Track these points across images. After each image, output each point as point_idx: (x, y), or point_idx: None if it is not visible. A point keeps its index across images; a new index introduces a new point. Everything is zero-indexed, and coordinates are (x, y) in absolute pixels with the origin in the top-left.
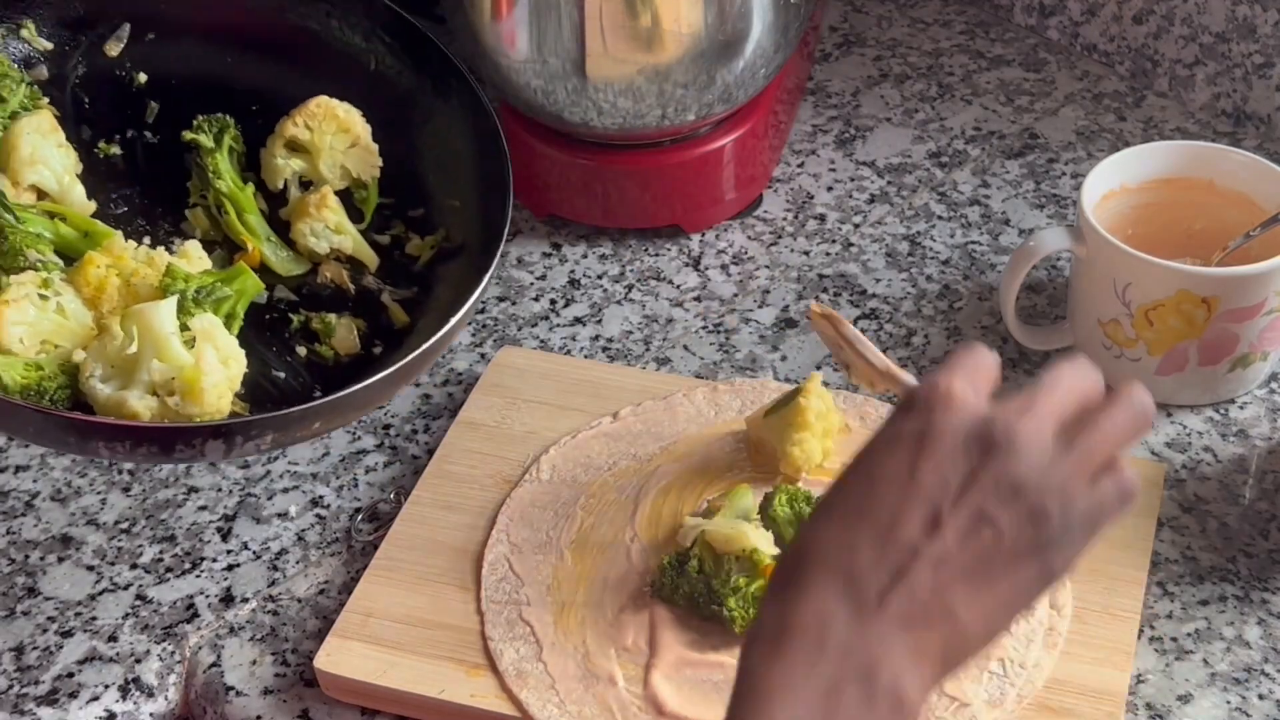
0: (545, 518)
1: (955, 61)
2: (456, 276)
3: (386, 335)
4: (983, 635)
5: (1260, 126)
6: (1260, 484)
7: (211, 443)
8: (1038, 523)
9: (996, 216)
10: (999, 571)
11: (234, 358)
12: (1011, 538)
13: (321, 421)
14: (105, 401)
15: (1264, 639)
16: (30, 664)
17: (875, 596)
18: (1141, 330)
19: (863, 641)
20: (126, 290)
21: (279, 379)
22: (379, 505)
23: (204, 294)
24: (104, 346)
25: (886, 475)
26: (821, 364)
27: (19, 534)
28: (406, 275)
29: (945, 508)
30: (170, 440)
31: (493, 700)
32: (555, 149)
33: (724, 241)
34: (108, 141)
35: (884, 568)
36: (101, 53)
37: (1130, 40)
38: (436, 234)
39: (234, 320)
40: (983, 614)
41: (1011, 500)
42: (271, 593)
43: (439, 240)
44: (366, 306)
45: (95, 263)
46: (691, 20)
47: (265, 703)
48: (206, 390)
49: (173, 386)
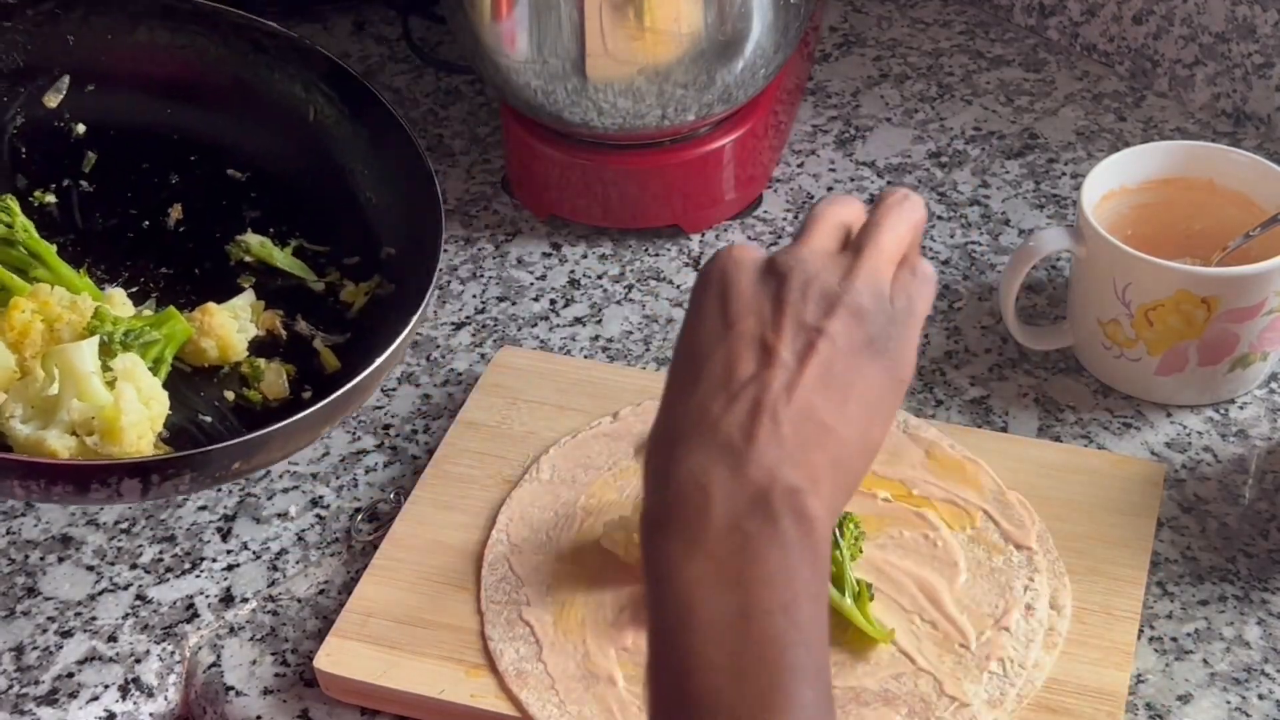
0: (545, 518)
1: (955, 61)
2: (389, 322)
3: (317, 380)
4: (861, 440)
5: (1260, 126)
6: (1260, 484)
7: (127, 481)
8: (860, 318)
9: (996, 216)
10: (847, 374)
11: (156, 398)
12: (844, 338)
13: (240, 462)
14: (24, 441)
15: (1264, 639)
16: (30, 664)
17: (741, 437)
18: (1141, 330)
19: (745, 480)
20: (51, 335)
21: (205, 423)
22: (379, 505)
23: (131, 337)
24: (25, 388)
25: (706, 338)
26: None
27: (19, 534)
28: (340, 321)
29: (769, 335)
30: (85, 479)
31: (492, 700)
32: (555, 149)
33: (724, 241)
34: (43, 191)
35: (739, 410)
36: (40, 104)
37: (1130, 40)
38: (371, 280)
39: (162, 365)
40: (852, 417)
41: (828, 306)
42: (271, 593)
43: (373, 287)
44: (298, 352)
45: (20, 307)
46: (691, 20)
47: (265, 703)
48: (125, 430)
49: (92, 426)
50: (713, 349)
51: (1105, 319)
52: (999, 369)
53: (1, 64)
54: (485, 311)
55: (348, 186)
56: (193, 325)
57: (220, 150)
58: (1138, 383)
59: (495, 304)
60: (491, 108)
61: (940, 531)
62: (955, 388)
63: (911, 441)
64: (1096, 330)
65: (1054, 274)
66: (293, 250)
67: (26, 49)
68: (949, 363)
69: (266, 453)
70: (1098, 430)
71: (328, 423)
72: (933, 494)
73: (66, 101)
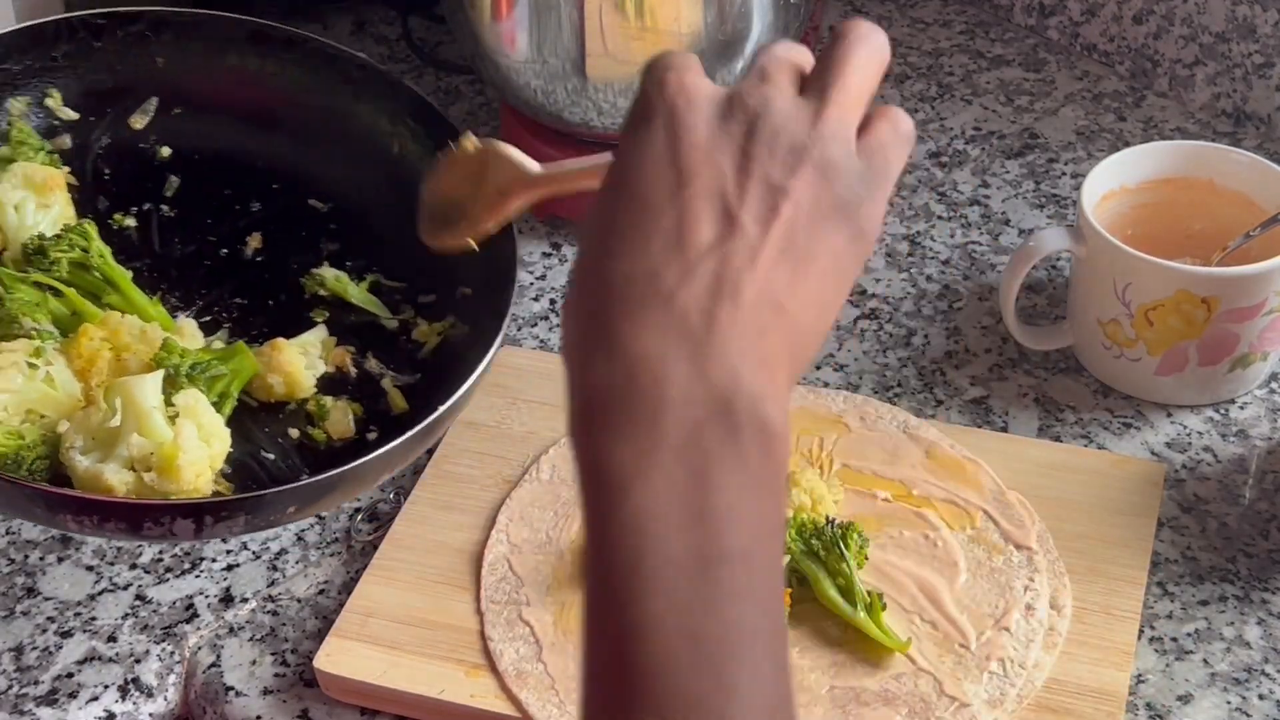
0: (545, 518)
1: (955, 61)
2: (460, 364)
3: (384, 421)
4: (817, 321)
5: (1260, 126)
6: (1260, 484)
7: (180, 522)
8: (830, 175)
9: (996, 216)
10: (810, 243)
11: (217, 436)
12: (810, 200)
13: (296, 506)
14: (83, 474)
15: (1264, 639)
16: (30, 664)
17: (701, 319)
18: (1141, 330)
19: (706, 378)
20: (118, 364)
21: (267, 460)
22: (379, 505)
23: (197, 370)
24: (87, 418)
25: (652, 184)
26: None
27: (19, 534)
28: (411, 361)
29: (731, 194)
30: (137, 518)
31: (493, 700)
32: (555, 149)
33: None
34: (123, 214)
35: (697, 283)
36: (126, 125)
37: (1130, 40)
38: (444, 321)
39: (227, 399)
40: (810, 297)
41: (795, 162)
42: (271, 593)
43: (446, 328)
44: (366, 391)
45: (89, 335)
46: (691, 20)
47: (265, 703)
48: (183, 468)
49: (150, 462)
50: (662, 200)
51: (1105, 319)
52: (999, 369)
53: (90, 84)
54: None
55: None
56: (261, 360)
57: (303, 180)
58: (1138, 383)
59: None
60: (491, 108)
61: (940, 531)
62: (955, 388)
63: (911, 441)
64: (1096, 330)
65: (1054, 274)
66: (369, 286)
67: (115, 70)
68: (949, 363)
69: (326, 498)
70: (1098, 430)
71: (391, 468)
72: (933, 494)
73: (153, 124)
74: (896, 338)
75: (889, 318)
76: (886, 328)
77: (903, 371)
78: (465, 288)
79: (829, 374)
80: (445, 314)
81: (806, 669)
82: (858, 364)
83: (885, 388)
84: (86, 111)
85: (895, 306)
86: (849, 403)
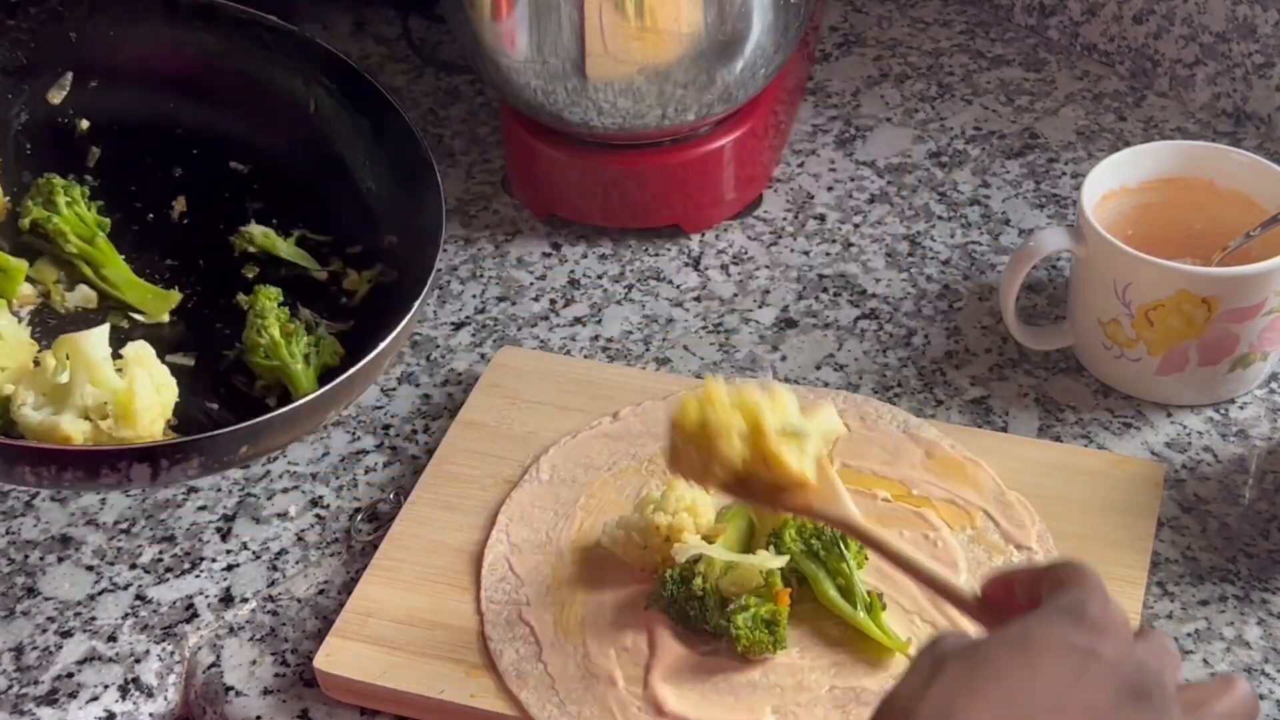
0: (545, 518)
1: (955, 61)
2: (392, 310)
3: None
4: None
5: (1260, 126)
6: (1260, 484)
7: (136, 466)
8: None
9: (996, 216)
10: None
11: (166, 385)
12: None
13: (248, 445)
14: (37, 427)
15: (1264, 639)
16: (30, 664)
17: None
18: (1141, 330)
19: None
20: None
21: (212, 410)
22: (379, 505)
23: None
24: (36, 376)
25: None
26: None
27: (19, 534)
28: (343, 310)
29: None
30: (94, 463)
31: (492, 700)
32: (555, 149)
33: (724, 241)
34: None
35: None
36: (44, 100)
37: (1130, 40)
38: (373, 269)
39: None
40: None
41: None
42: (271, 593)
43: (376, 275)
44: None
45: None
46: (691, 20)
47: (265, 703)
48: (140, 414)
49: (106, 410)
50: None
51: (1105, 319)
52: (999, 369)
53: (5, 61)
54: (485, 311)
55: (349, 176)
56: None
57: (223, 143)
58: (1138, 383)
59: (495, 304)
60: (491, 108)
61: (940, 532)
62: (955, 388)
63: (911, 441)
64: (1096, 330)
65: (1054, 274)
66: (296, 240)
67: (30, 46)
68: (949, 363)
69: (272, 436)
70: (1098, 430)
71: (332, 407)
72: (933, 494)
73: (70, 98)
74: (896, 338)
75: (889, 318)
76: (886, 328)
77: (903, 371)
78: (391, 236)
79: (829, 374)
80: (373, 262)
81: (806, 669)
82: (858, 364)
83: (885, 388)
84: (3, 89)
85: (895, 306)
86: (849, 403)
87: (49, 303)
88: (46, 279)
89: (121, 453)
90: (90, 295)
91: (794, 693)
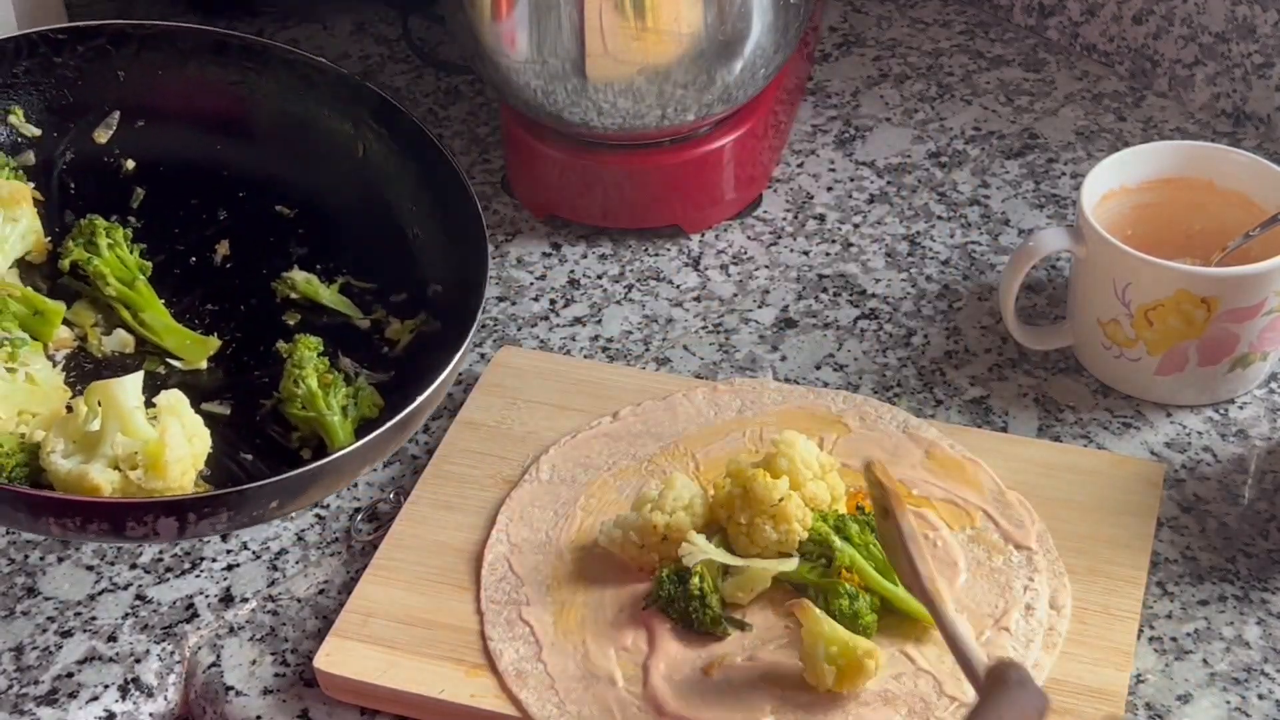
0: (545, 518)
1: (955, 61)
2: (432, 360)
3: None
4: None
5: (1260, 126)
6: (1260, 484)
7: (164, 520)
8: None
9: (996, 216)
10: None
11: (199, 435)
12: None
13: (279, 501)
14: (66, 477)
15: (1264, 639)
16: (30, 664)
17: None
18: (1141, 330)
19: None
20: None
21: (245, 461)
22: (379, 505)
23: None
24: (67, 423)
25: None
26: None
27: (19, 534)
28: (384, 360)
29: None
30: (120, 517)
31: (492, 700)
32: (555, 149)
33: (724, 241)
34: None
35: None
36: (90, 139)
37: (1130, 40)
38: (416, 318)
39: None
40: None
41: None
42: (271, 593)
43: (418, 324)
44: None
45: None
46: (691, 20)
47: (265, 703)
48: (170, 464)
49: (136, 461)
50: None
51: (1105, 319)
52: (999, 369)
53: (52, 100)
54: (485, 311)
55: (395, 223)
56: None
57: (268, 186)
58: (1138, 383)
59: (495, 304)
60: (491, 108)
61: (940, 531)
62: (955, 388)
63: (911, 441)
64: (1096, 330)
65: (1054, 274)
66: (339, 287)
67: (77, 85)
68: (949, 363)
69: (305, 491)
70: (1098, 430)
71: (368, 462)
72: (933, 494)
73: (116, 137)
74: (896, 338)
75: (889, 318)
76: (886, 328)
77: (903, 371)
78: (437, 285)
79: (829, 374)
80: (417, 311)
81: (806, 669)
82: (857, 364)
83: (885, 388)
84: (50, 127)
85: (895, 306)
86: (849, 403)
87: (85, 346)
88: (84, 322)
89: (149, 505)
90: (128, 340)
91: (794, 692)
